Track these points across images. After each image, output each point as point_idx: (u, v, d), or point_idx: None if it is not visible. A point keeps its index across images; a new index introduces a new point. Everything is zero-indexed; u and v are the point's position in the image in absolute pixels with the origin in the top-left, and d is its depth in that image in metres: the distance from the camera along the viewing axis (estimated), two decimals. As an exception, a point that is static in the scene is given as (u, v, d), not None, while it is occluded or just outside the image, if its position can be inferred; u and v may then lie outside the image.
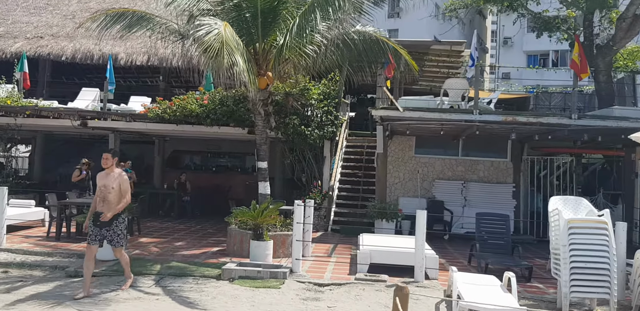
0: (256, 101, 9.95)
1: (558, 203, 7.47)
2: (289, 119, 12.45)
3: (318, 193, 13.54)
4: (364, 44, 10.20)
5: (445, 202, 13.40)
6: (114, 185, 7.10)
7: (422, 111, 11.95)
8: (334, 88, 13.80)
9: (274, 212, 9.16)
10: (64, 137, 20.57)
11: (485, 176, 14.05)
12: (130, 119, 13.13)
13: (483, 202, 13.43)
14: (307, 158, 13.93)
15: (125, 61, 18.15)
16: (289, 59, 9.83)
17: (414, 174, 14.17)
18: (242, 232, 9.67)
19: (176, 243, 10.89)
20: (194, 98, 12.81)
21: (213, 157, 22.10)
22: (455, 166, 14.13)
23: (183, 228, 12.99)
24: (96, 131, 15.66)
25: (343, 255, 10.19)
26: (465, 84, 12.61)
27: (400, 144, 14.28)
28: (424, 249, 7.98)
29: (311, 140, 12.99)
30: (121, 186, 7.15)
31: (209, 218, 15.36)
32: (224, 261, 9.02)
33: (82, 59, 18.43)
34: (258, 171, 10.35)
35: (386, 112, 12.17)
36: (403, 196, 14.03)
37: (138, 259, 9.01)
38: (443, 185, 13.76)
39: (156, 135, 18.19)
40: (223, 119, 12.38)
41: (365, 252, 8.52)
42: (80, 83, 20.93)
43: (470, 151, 14.16)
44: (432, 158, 14.21)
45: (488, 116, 11.54)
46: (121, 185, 7.15)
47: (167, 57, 18.00)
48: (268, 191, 10.30)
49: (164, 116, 12.60)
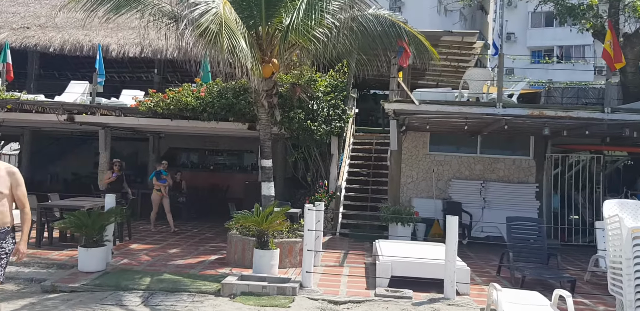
0: (260, 92, 8.84)
1: (614, 207, 6.39)
2: (294, 113, 11.36)
3: (324, 194, 12.46)
4: (379, 28, 9.09)
5: (463, 204, 12.33)
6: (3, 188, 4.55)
7: (440, 104, 10.90)
8: (341, 80, 12.72)
9: (280, 217, 8.07)
10: (55, 134, 19.42)
11: (506, 175, 12.97)
12: (120, 113, 11.98)
13: (504, 203, 12.35)
14: (313, 155, 12.83)
15: (117, 53, 17.05)
16: (296, 45, 8.73)
17: (429, 173, 13.10)
18: (244, 239, 8.59)
19: (170, 249, 9.79)
20: (190, 90, 11.70)
21: (211, 155, 21.20)
22: (473, 165, 13.05)
23: (179, 233, 11.90)
24: (85, 127, 14.55)
25: (356, 265, 9.10)
26: (487, 74, 11.55)
27: (414, 140, 13.20)
28: (455, 261, 6.91)
29: (318, 136, 11.90)
30: (16, 189, 4.64)
31: (207, 220, 14.28)
32: (223, 273, 7.95)
33: (71, 51, 17.32)
34: (261, 170, 9.26)
35: (400, 106, 11.11)
36: (416, 197, 12.95)
37: (126, 271, 7.93)
38: (460, 185, 12.68)
39: (150, 131, 17.08)
40: (221, 113, 11.26)
41: (386, 263, 7.44)
42: (73, 78, 19.86)
43: (489, 148, 13.08)
44: (448, 156, 13.13)
45: (513, 110, 10.48)
46: (16, 188, 4.64)
47: (162, 49, 16.88)
48: (272, 193, 9.21)
49: (157, 109, 11.48)
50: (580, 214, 13.52)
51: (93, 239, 7.90)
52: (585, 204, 13.21)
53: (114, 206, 8.55)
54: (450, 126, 10.46)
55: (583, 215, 13.44)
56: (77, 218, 7.80)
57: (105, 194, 10.51)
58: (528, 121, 9.82)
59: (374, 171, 14.14)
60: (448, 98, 11.39)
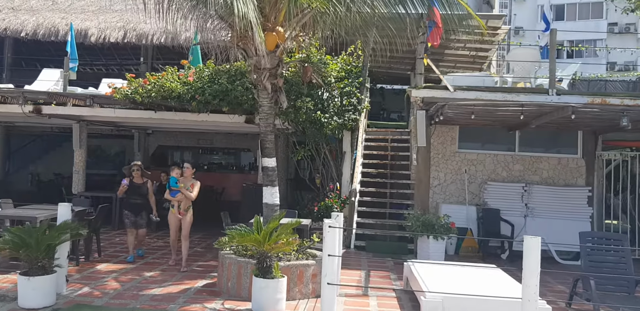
0: (261, 71, 6.83)
1: None
2: (301, 102, 9.36)
3: (336, 199, 10.49)
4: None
5: (502, 211, 10.35)
6: None
7: (480, 91, 8.92)
8: (355, 64, 10.75)
9: (287, 234, 6.07)
10: (33, 131, 17.43)
11: (550, 177, 10.99)
12: (92, 103, 9.92)
13: (550, 210, 10.39)
14: (322, 153, 10.85)
15: (96, 38, 15.13)
16: (308, 9, 6.73)
17: (458, 175, 11.11)
18: (240, 261, 6.59)
19: (147, 272, 7.78)
20: (176, 75, 9.69)
21: (204, 153, 19.32)
22: (511, 164, 11.06)
23: (161, 246, 9.90)
24: (59, 121, 12.53)
25: (385, 293, 7.10)
26: (536, 55, 9.54)
27: (440, 136, 11.22)
28: (536, 301, 4.93)
29: (328, 130, 9.94)
30: None
31: (198, 228, 12.22)
32: (213, 308, 5.96)
33: (45, 35, 15.41)
34: (263, 171, 7.26)
35: (431, 93, 9.13)
36: (444, 203, 10.97)
37: (82, 306, 5.92)
38: (497, 189, 10.68)
39: (134, 127, 15.07)
40: (214, 101, 9.22)
41: (435, 301, 5.44)
42: (57, 67, 17.92)
43: (529, 145, 11.11)
44: (482, 154, 11.14)
45: (569, 98, 8.47)
46: None
47: (148, 33, 15.06)
48: (277, 201, 7.21)
49: (135, 97, 9.43)
50: (620, 219, 11.62)
51: (38, 265, 5.89)
52: (625, 208, 11.32)
53: (68, 218, 6.54)
54: (496, 117, 8.46)
55: (623, 221, 11.55)
56: (15, 235, 5.79)
57: (100, 207, 8.61)
58: (598, 110, 7.81)
59: (392, 172, 12.18)
60: (487, 84, 9.42)
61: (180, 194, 8.03)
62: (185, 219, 8.13)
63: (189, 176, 8.20)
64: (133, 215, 8.52)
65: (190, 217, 8.18)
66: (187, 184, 8.05)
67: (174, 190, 8.08)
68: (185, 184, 8.02)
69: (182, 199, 8.06)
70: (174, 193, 8.10)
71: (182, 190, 7.98)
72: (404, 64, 19.05)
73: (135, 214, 8.55)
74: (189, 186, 8.07)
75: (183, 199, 8.06)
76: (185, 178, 8.18)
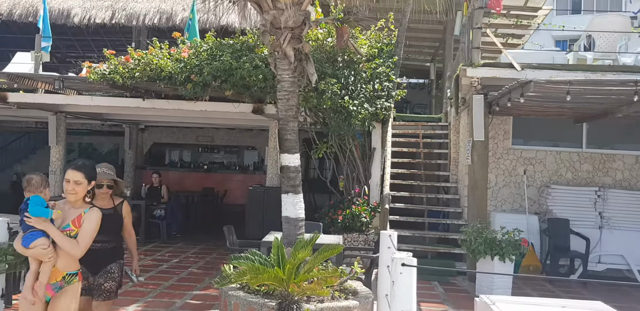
0: (282, 31, 4.83)
1: None
2: (325, 83, 7.35)
3: (364, 206, 8.51)
4: None
5: (571, 221, 8.35)
6: None
7: (554, 69, 6.96)
8: (387, 41, 8.77)
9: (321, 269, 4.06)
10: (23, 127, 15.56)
11: (625, 179, 8.97)
12: (61, 85, 7.89)
13: (630, 220, 8.39)
14: (348, 150, 8.84)
15: (80, 18, 13.17)
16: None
17: (513, 176, 9.11)
18: (252, 303, 4.57)
19: (127, 305, 5.80)
20: (167, 51, 7.69)
21: (204, 152, 17.51)
22: (578, 164, 9.05)
23: (149, 266, 7.90)
24: (28, 112, 10.58)
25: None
26: (625, 24, 7.51)
27: (490, 129, 9.19)
28: None
29: (358, 120, 7.93)
30: None
31: (196, 240, 10.31)
32: None
33: (22, 16, 13.41)
34: (282, 171, 5.21)
35: (491, 72, 7.22)
36: (496, 211, 8.97)
37: None
38: (563, 194, 8.65)
39: (124, 120, 13.11)
40: (214, 83, 7.19)
41: None
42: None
43: (599, 141, 9.10)
44: (541, 151, 9.11)
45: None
46: None
47: (139, 13, 13.15)
48: (302, 214, 5.15)
49: (114, 77, 7.36)
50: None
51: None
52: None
53: (5, 241, 4.53)
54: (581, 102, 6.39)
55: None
56: None
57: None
58: None
59: (427, 173, 10.21)
60: (557, 62, 7.44)
61: (44, 241, 3.30)
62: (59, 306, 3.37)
63: (80, 198, 3.51)
64: (89, 273, 3.96)
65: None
66: (69, 218, 3.45)
67: (35, 230, 3.32)
68: (67, 218, 3.45)
69: (52, 257, 3.32)
70: (34, 236, 3.31)
71: (51, 232, 3.31)
72: (422, 54, 17.08)
73: (94, 270, 4.01)
74: (73, 220, 3.43)
75: (54, 257, 3.34)
76: (71, 202, 3.51)
